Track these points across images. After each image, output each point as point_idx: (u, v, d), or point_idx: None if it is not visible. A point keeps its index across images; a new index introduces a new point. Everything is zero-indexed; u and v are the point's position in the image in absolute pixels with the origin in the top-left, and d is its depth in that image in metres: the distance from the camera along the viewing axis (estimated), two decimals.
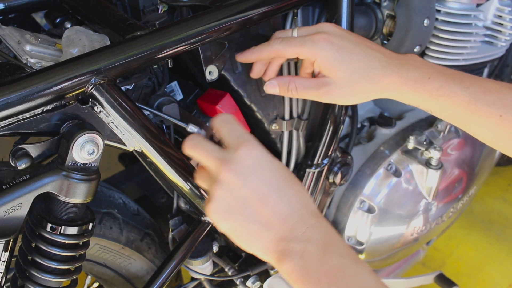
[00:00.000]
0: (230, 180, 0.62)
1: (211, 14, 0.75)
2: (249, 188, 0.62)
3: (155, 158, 0.73)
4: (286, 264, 0.61)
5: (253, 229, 0.62)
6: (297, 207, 0.63)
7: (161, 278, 0.85)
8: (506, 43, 1.14)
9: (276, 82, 0.78)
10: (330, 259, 0.60)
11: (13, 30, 0.75)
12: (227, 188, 0.62)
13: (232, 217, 0.63)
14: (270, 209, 0.62)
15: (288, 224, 0.62)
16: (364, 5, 1.02)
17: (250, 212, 0.62)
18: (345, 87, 0.76)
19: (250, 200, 0.62)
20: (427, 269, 1.79)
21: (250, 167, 0.62)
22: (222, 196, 0.63)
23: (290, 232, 0.61)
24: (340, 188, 1.17)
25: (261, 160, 0.64)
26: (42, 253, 0.67)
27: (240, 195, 0.62)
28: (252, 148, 0.63)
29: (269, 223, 0.62)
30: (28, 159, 0.61)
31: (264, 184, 0.62)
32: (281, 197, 0.63)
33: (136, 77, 0.76)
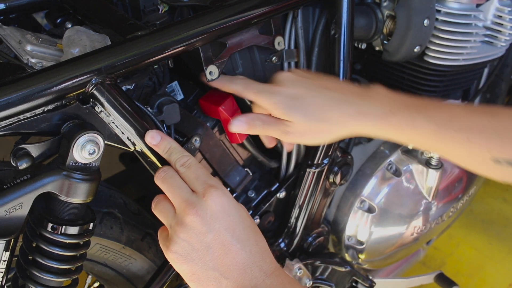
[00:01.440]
0: (195, 224, 0.63)
1: (211, 14, 0.75)
2: (213, 235, 0.63)
3: (155, 158, 0.73)
4: None
5: (212, 276, 0.63)
6: (256, 257, 0.65)
7: (162, 277, 0.85)
8: (506, 43, 1.14)
9: (244, 119, 0.80)
10: None
11: (14, 30, 0.75)
12: (191, 232, 0.64)
13: (193, 261, 0.64)
14: (231, 258, 0.64)
15: (247, 275, 0.63)
16: (364, 5, 1.02)
17: (211, 258, 0.63)
18: (303, 129, 0.78)
19: (213, 247, 0.63)
20: (427, 269, 1.79)
21: (215, 214, 0.64)
22: (185, 239, 0.64)
23: (249, 281, 0.63)
24: (340, 188, 1.17)
25: (227, 208, 0.65)
26: (43, 253, 0.67)
27: (203, 241, 0.63)
28: (219, 195, 0.65)
29: (228, 272, 0.63)
30: (29, 159, 0.61)
31: (227, 233, 0.64)
32: (243, 247, 0.64)
33: (136, 77, 0.76)
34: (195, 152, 0.86)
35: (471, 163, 0.77)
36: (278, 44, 0.87)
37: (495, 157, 0.72)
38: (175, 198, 0.66)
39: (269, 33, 0.86)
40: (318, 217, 1.13)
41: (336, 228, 1.22)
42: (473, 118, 0.74)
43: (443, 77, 1.13)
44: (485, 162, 0.74)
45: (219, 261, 0.63)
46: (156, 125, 0.74)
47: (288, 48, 0.91)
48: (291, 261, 1.02)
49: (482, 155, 0.73)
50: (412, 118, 0.75)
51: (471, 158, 0.75)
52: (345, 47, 0.91)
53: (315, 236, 1.16)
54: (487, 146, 0.72)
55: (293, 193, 1.05)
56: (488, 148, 0.72)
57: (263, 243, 0.67)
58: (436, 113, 0.75)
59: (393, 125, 0.75)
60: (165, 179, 0.67)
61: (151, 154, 0.71)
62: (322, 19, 0.93)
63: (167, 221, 0.67)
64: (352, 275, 1.19)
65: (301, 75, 0.82)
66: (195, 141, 0.84)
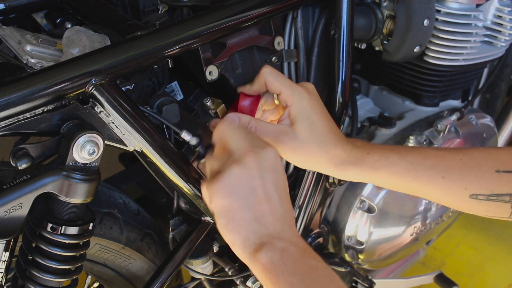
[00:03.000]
0: (251, 166, 0.67)
1: (211, 14, 0.75)
2: (261, 181, 0.67)
3: (155, 158, 0.73)
4: (263, 254, 0.64)
5: (247, 217, 0.66)
6: (288, 217, 0.69)
7: (161, 278, 0.85)
8: (506, 43, 1.14)
9: (237, 117, 0.79)
10: (307, 260, 0.65)
11: (14, 30, 0.75)
12: (245, 171, 0.67)
13: (235, 197, 0.66)
14: (269, 207, 0.67)
15: (278, 226, 0.67)
16: (364, 5, 1.02)
17: (251, 201, 0.66)
18: (300, 143, 0.79)
19: (257, 191, 0.67)
20: (427, 269, 1.79)
21: (269, 166, 0.68)
22: (237, 175, 0.67)
23: (278, 232, 0.66)
24: (340, 188, 1.17)
25: (279, 167, 0.70)
26: (43, 253, 0.67)
27: (251, 183, 0.67)
28: (276, 154, 0.70)
29: (262, 218, 0.67)
30: (28, 159, 0.61)
31: (273, 185, 0.68)
32: (281, 203, 0.68)
33: (136, 77, 0.76)
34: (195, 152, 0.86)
35: (449, 201, 0.79)
36: (278, 44, 0.87)
37: (471, 193, 0.75)
38: (239, 142, 0.69)
39: (269, 33, 0.86)
40: (317, 218, 1.13)
41: (336, 228, 1.22)
42: (446, 156, 0.77)
43: (443, 77, 1.14)
44: (462, 198, 0.76)
45: (258, 206, 0.67)
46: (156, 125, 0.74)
47: (288, 48, 0.91)
48: None
49: (459, 192, 0.76)
50: (385, 157, 0.78)
51: (447, 196, 0.78)
52: (345, 47, 0.91)
53: (314, 236, 1.16)
54: (462, 183, 0.75)
55: (293, 193, 1.05)
56: (463, 185, 0.75)
57: (292, 211, 0.72)
58: (409, 153, 0.78)
59: (367, 164, 0.79)
60: (231, 125, 0.72)
61: None
62: (322, 19, 0.93)
63: (220, 163, 0.70)
64: (352, 275, 1.19)
65: (318, 95, 0.84)
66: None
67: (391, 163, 0.78)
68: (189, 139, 0.76)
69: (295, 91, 0.78)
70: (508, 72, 1.41)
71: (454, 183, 0.75)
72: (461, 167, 0.75)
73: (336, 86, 0.94)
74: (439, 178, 0.76)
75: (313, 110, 0.79)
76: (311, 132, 0.79)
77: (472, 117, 1.28)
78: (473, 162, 0.75)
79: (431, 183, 0.77)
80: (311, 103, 0.79)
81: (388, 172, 0.78)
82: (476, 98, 1.33)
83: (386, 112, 1.27)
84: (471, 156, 0.76)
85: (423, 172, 0.76)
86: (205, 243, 0.97)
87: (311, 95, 0.80)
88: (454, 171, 0.75)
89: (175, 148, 0.76)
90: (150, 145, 0.71)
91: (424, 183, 0.77)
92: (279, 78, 0.79)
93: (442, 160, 0.76)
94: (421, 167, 0.77)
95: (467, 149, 0.78)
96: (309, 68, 0.94)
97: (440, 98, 1.25)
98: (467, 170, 0.75)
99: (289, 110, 0.79)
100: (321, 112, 0.80)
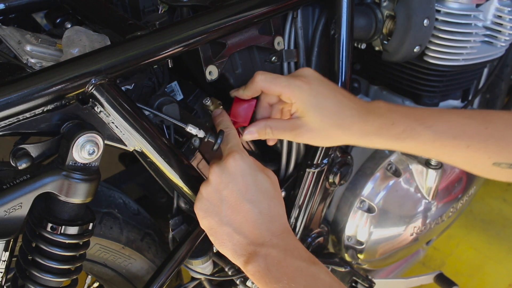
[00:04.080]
0: (214, 182, 0.71)
1: (211, 14, 0.75)
2: (227, 192, 0.71)
3: (155, 158, 0.73)
4: (250, 265, 0.68)
5: (227, 231, 0.71)
6: (266, 218, 0.71)
7: (161, 278, 0.85)
8: (505, 43, 1.14)
9: (255, 129, 0.81)
10: (290, 262, 0.67)
11: (14, 30, 0.75)
12: (210, 189, 0.72)
13: (210, 215, 0.72)
14: (242, 215, 0.70)
15: (256, 232, 0.70)
16: (364, 5, 1.02)
17: (225, 214, 0.71)
18: (316, 131, 0.79)
19: (226, 203, 0.71)
20: (426, 269, 1.79)
21: (231, 174, 0.71)
22: (205, 195, 0.72)
23: (257, 239, 0.70)
24: (340, 188, 1.17)
25: (243, 171, 0.72)
26: (43, 253, 0.67)
27: (219, 197, 0.71)
28: (237, 159, 0.72)
29: (240, 228, 0.70)
30: (28, 159, 0.61)
31: (239, 193, 0.71)
32: (253, 208, 0.71)
33: (136, 77, 0.76)
34: (195, 152, 0.86)
35: (472, 167, 0.81)
36: (278, 44, 0.87)
37: (494, 161, 0.76)
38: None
39: (269, 33, 0.86)
40: (317, 217, 1.13)
41: (336, 228, 1.22)
42: (471, 125, 0.77)
43: (443, 77, 1.13)
44: (485, 166, 0.78)
45: (232, 217, 0.70)
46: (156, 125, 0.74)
47: (287, 48, 0.91)
48: None
49: (482, 160, 0.77)
50: (411, 128, 0.78)
51: (471, 163, 0.79)
52: (345, 47, 0.91)
53: (314, 236, 1.16)
54: (486, 152, 0.76)
55: (293, 193, 1.05)
56: (487, 154, 0.76)
57: (277, 208, 0.73)
58: (435, 122, 0.78)
59: (393, 135, 0.78)
60: None
61: None
62: (322, 19, 0.93)
63: None
64: (352, 275, 1.19)
65: (320, 74, 0.83)
66: (194, 141, 0.84)
67: (416, 134, 0.77)
68: (196, 132, 0.76)
69: (294, 87, 0.78)
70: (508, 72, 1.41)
71: (478, 152, 0.76)
72: (486, 137, 0.76)
73: None
74: (463, 148, 0.77)
75: (318, 97, 0.78)
76: (324, 118, 0.78)
77: None
78: (497, 131, 0.76)
79: (456, 152, 0.77)
80: (313, 92, 0.78)
81: (414, 142, 0.78)
82: (476, 98, 1.33)
83: None
84: (495, 125, 0.76)
85: (448, 141, 0.77)
86: (205, 243, 0.97)
87: (310, 83, 0.79)
88: (478, 140, 0.76)
89: (175, 148, 0.76)
90: (150, 145, 0.71)
91: (449, 152, 0.78)
92: (274, 81, 0.78)
93: (467, 129, 0.77)
94: (447, 136, 0.77)
95: (492, 116, 0.78)
96: None
97: (440, 98, 1.25)
98: (491, 140, 0.76)
99: (295, 106, 0.79)
100: (327, 94, 0.79)
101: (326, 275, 0.67)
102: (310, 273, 0.67)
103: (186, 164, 0.78)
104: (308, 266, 0.67)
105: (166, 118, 0.76)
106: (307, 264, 0.68)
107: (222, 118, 0.81)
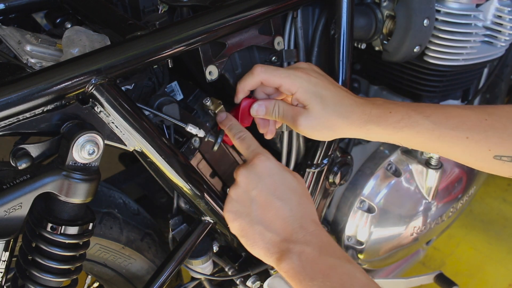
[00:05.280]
0: (242, 183, 0.73)
1: (211, 14, 0.75)
2: (256, 192, 0.71)
3: (155, 158, 0.73)
4: (284, 263, 0.68)
5: (258, 230, 0.71)
6: (298, 215, 0.71)
7: (161, 278, 0.85)
8: (505, 43, 1.14)
9: (264, 104, 0.82)
10: (325, 259, 0.67)
11: (14, 30, 0.75)
12: (239, 190, 0.73)
13: (241, 217, 0.72)
14: (273, 213, 0.71)
15: (289, 229, 0.70)
16: (364, 5, 1.02)
17: (256, 213, 0.71)
18: (316, 119, 0.79)
19: (256, 202, 0.71)
20: (427, 269, 1.79)
21: (259, 175, 0.72)
22: (235, 197, 0.73)
23: (290, 235, 0.69)
24: (340, 188, 1.17)
25: (270, 170, 0.73)
26: (43, 253, 0.67)
27: (248, 197, 0.72)
28: (264, 159, 0.73)
29: (271, 226, 0.70)
30: (28, 159, 0.61)
31: (269, 191, 0.71)
32: (284, 205, 0.71)
33: (136, 77, 0.76)
34: (195, 152, 0.86)
35: (472, 161, 0.78)
36: (278, 44, 0.87)
37: (495, 154, 0.74)
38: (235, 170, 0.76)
39: (269, 33, 0.86)
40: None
41: (336, 228, 1.22)
42: (470, 116, 0.75)
43: (443, 77, 1.13)
44: (485, 159, 0.75)
45: (263, 216, 0.71)
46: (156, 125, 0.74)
47: (287, 48, 0.91)
48: None
49: (482, 152, 0.74)
50: (408, 116, 0.76)
51: (471, 155, 0.76)
52: (345, 47, 0.91)
53: None
54: (486, 144, 0.73)
55: None
56: (487, 146, 0.73)
57: (307, 205, 0.73)
58: (433, 112, 0.76)
59: (390, 123, 0.77)
60: None
61: None
62: (322, 19, 0.93)
63: None
64: None
65: (316, 67, 0.84)
66: (194, 141, 0.84)
67: (414, 123, 0.76)
68: (196, 132, 0.77)
69: (294, 78, 0.78)
70: (508, 72, 1.41)
71: (478, 143, 0.74)
72: (486, 128, 0.73)
73: None
74: (463, 138, 0.74)
75: (318, 87, 0.78)
76: (324, 107, 0.78)
77: None
78: (498, 123, 0.73)
79: (455, 143, 0.75)
80: (312, 81, 0.78)
81: (412, 131, 0.76)
82: (476, 98, 1.33)
83: None
84: (496, 117, 0.74)
85: (447, 131, 0.75)
86: (205, 243, 0.97)
87: (309, 74, 0.79)
88: (478, 131, 0.73)
89: (175, 148, 0.76)
90: (150, 145, 0.71)
91: (448, 143, 0.76)
92: (274, 73, 0.78)
93: (466, 120, 0.75)
94: (445, 126, 0.75)
95: (493, 109, 0.76)
96: None
97: (440, 98, 1.25)
98: (492, 131, 0.73)
99: (296, 97, 0.79)
100: (326, 85, 0.79)
101: (362, 274, 0.66)
102: (345, 271, 0.66)
103: (186, 164, 0.78)
104: (343, 264, 0.66)
105: (166, 118, 0.76)
106: (342, 262, 0.67)
107: (231, 122, 0.81)
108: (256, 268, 1.00)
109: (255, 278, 1.03)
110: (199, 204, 0.82)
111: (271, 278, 1.01)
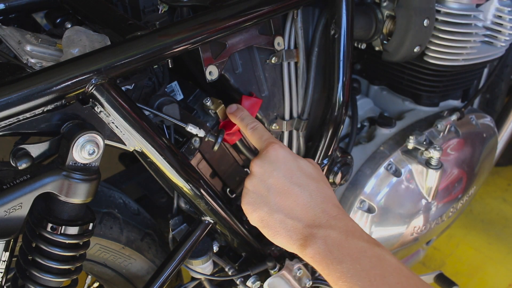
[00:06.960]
0: (258, 173, 0.71)
1: (211, 14, 0.75)
2: (272, 180, 0.70)
3: (155, 158, 0.73)
4: (309, 248, 0.65)
5: (278, 218, 0.69)
6: (318, 200, 0.69)
7: (162, 278, 0.85)
8: (505, 43, 1.14)
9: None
10: (352, 243, 0.64)
11: (14, 30, 0.75)
12: (255, 180, 0.71)
13: (259, 207, 0.70)
14: (292, 199, 0.69)
15: (311, 214, 0.68)
16: (364, 5, 1.02)
17: (275, 202, 0.69)
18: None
19: (274, 190, 0.70)
20: (427, 269, 1.79)
21: (274, 163, 0.71)
22: (251, 188, 0.72)
23: (313, 221, 0.67)
24: (340, 188, 1.17)
25: (285, 158, 0.72)
26: (43, 253, 0.67)
27: (265, 186, 0.70)
28: (277, 148, 0.73)
29: (292, 213, 0.68)
30: (28, 159, 0.61)
31: (285, 178, 0.70)
32: (302, 190, 0.69)
33: (136, 77, 0.76)
34: (195, 152, 0.86)
35: None
36: (278, 45, 0.87)
37: None
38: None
39: (269, 33, 0.86)
40: None
41: None
42: None
43: (443, 77, 1.14)
44: None
45: (282, 203, 0.69)
46: (156, 125, 0.74)
47: (288, 48, 0.91)
48: (291, 261, 1.02)
49: None
50: None
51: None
52: (345, 47, 0.91)
53: None
54: None
55: None
56: None
57: (326, 189, 0.72)
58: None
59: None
60: None
61: None
62: (322, 19, 0.93)
63: None
64: None
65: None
66: (194, 141, 0.84)
67: None
68: (196, 132, 0.77)
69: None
70: (508, 72, 1.41)
71: None
72: None
73: (336, 86, 0.94)
74: None
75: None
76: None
77: (472, 117, 1.28)
78: None
79: None
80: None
81: None
82: (476, 98, 1.33)
83: (386, 112, 1.27)
84: None
85: None
86: (205, 243, 0.97)
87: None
88: None
89: (175, 148, 0.76)
90: (150, 145, 0.71)
91: None
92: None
93: None
94: None
95: None
96: (309, 68, 0.94)
97: (440, 98, 1.25)
98: None
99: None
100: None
101: (392, 257, 0.63)
102: (374, 254, 0.63)
103: (186, 164, 0.78)
104: (372, 247, 0.64)
105: (166, 118, 0.76)
106: (370, 245, 0.64)
107: (242, 113, 0.81)
108: (256, 268, 1.00)
109: (255, 278, 1.03)
110: (199, 204, 0.82)
111: (271, 278, 1.01)
